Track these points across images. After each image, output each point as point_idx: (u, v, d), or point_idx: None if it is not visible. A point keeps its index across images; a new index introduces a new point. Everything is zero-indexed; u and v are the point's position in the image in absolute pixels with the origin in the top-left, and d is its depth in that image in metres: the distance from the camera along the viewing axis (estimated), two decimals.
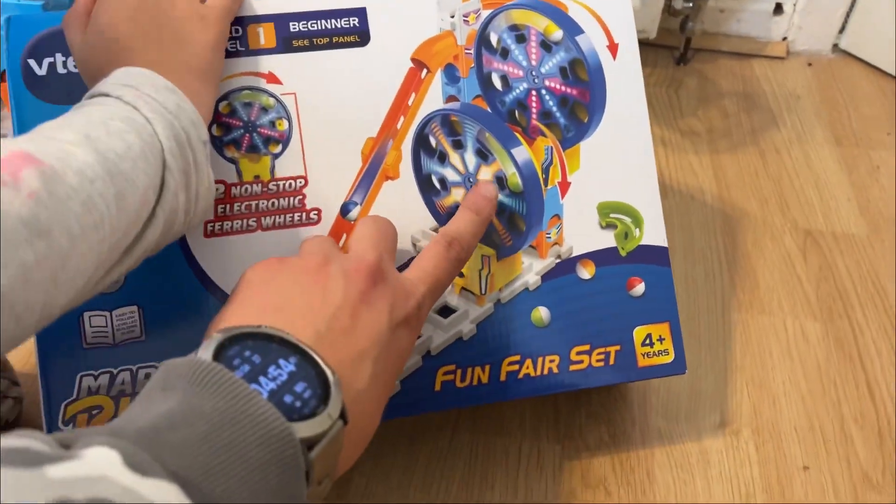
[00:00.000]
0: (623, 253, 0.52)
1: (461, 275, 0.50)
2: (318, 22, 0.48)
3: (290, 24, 0.48)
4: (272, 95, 0.47)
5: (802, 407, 0.59)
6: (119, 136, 0.35)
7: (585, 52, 0.51)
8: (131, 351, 0.46)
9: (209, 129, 0.43)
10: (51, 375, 0.45)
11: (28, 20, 0.46)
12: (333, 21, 0.48)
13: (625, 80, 0.52)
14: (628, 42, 0.52)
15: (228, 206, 0.47)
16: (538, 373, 0.50)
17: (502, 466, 0.54)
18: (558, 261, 0.51)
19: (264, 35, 0.47)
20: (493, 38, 0.50)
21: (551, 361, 0.50)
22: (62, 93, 0.46)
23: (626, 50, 0.52)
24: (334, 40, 0.48)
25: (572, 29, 0.51)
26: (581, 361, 0.51)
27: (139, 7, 0.41)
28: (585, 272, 0.51)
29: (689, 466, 0.55)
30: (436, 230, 0.49)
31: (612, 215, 0.52)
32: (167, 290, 0.46)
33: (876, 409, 0.59)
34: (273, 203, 0.47)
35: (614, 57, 0.51)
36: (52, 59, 0.46)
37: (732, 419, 0.58)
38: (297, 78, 0.48)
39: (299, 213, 0.48)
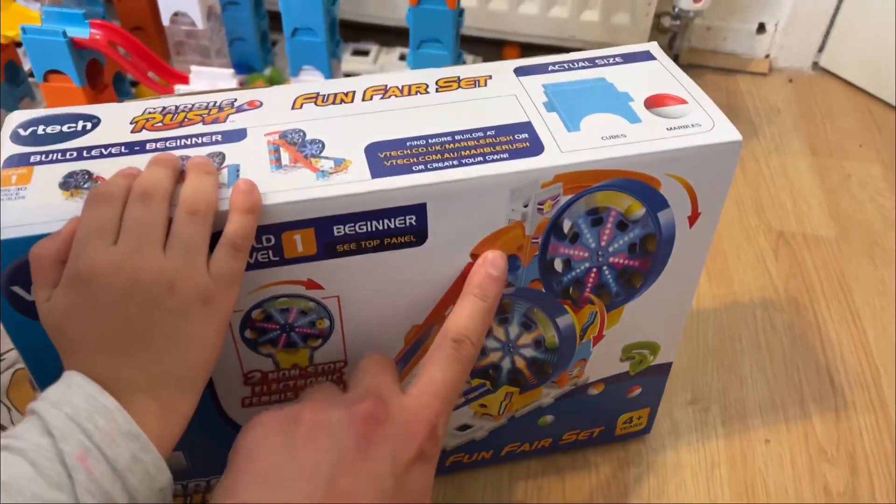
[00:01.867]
0: (632, 373, 0.53)
1: (483, 405, 0.51)
2: (369, 224, 0.39)
3: (335, 227, 0.38)
4: (312, 300, 0.41)
5: (767, 388, 0.65)
6: None
7: (662, 227, 0.44)
8: None
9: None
10: None
11: (9, 245, 0.36)
12: (386, 221, 0.39)
13: (693, 246, 0.45)
14: (712, 212, 0.44)
15: (265, 386, 0.45)
16: (532, 448, 0.57)
17: None
18: (574, 387, 0.52)
19: (303, 242, 0.39)
20: (566, 225, 0.42)
21: (545, 441, 0.57)
22: None
23: (707, 218, 0.44)
24: (386, 242, 0.40)
25: (657, 205, 0.43)
26: (570, 439, 0.58)
27: (128, 294, 0.33)
28: (595, 390, 0.53)
29: (660, 437, 0.61)
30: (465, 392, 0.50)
31: (634, 351, 0.51)
32: (208, 446, 0.44)
33: (834, 392, 0.65)
34: (312, 382, 0.46)
35: (691, 226, 0.44)
36: None
37: (702, 397, 0.64)
38: (340, 282, 0.41)
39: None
